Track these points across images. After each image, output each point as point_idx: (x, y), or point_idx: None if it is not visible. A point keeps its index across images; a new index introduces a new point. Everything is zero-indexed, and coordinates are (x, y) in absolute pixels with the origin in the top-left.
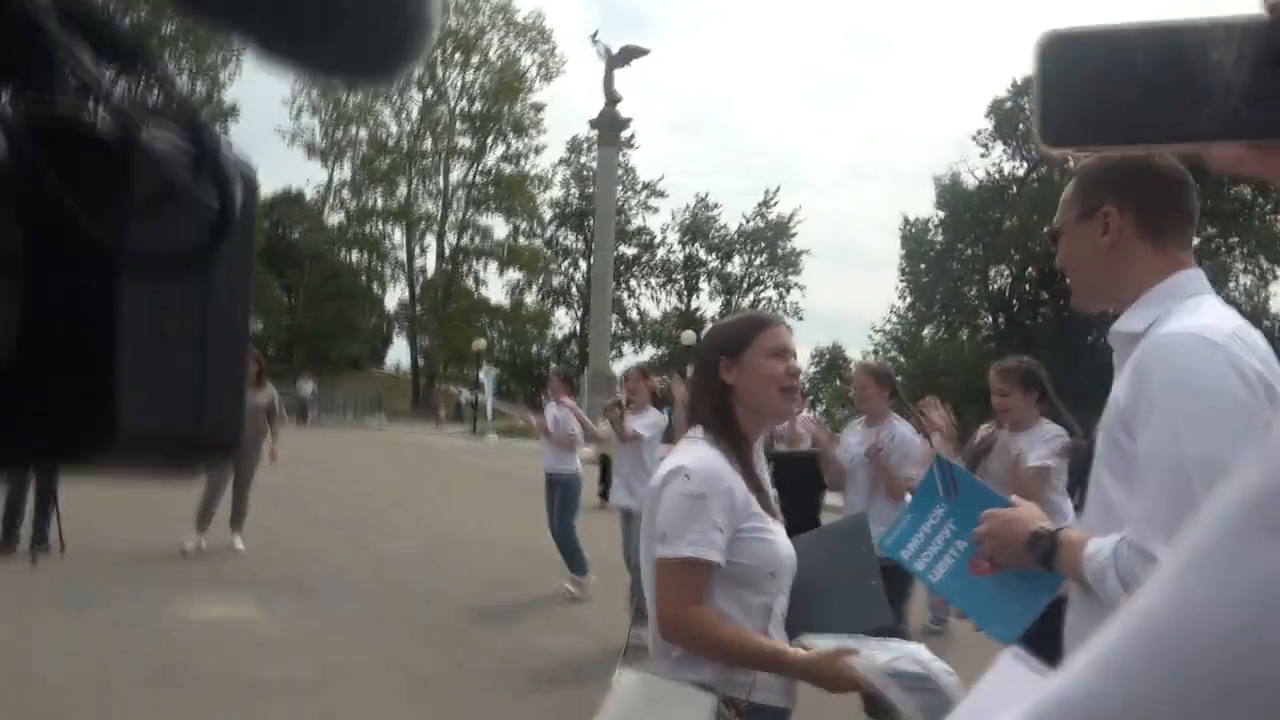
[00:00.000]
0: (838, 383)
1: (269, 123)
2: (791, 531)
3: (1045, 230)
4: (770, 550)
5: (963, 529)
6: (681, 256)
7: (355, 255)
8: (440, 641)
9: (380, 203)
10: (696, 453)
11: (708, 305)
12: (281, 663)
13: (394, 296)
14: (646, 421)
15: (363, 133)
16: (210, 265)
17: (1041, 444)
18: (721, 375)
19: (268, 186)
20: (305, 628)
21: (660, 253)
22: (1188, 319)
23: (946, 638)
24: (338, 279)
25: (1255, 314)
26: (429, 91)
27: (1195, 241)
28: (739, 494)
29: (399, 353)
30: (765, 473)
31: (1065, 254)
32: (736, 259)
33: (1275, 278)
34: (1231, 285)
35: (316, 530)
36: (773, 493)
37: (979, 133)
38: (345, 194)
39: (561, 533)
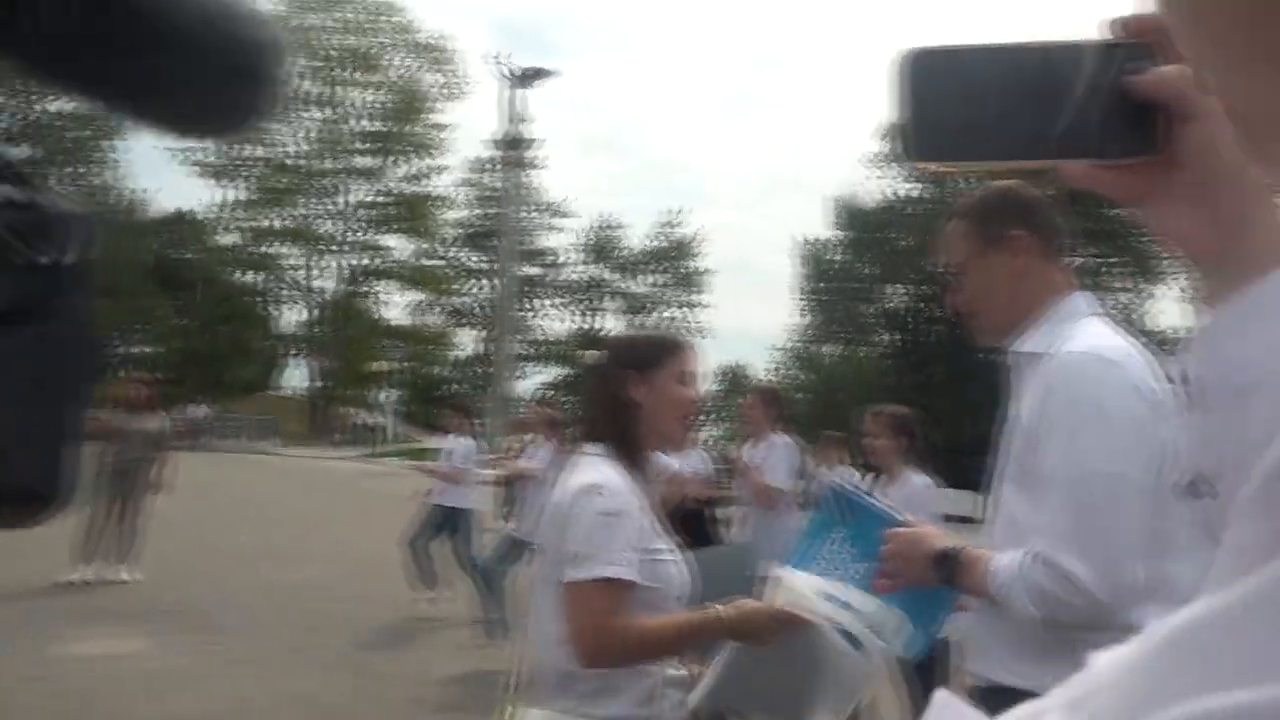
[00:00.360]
0: (740, 401)
1: (158, 141)
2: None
3: (943, 270)
4: (674, 572)
5: (862, 550)
6: (586, 276)
7: (251, 276)
8: (342, 672)
9: (277, 223)
10: (606, 470)
11: (613, 325)
12: (180, 699)
13: (291, 318)
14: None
15: (259, 151)
16: (37, 320)
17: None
18: (630, 391)
19: (158, 206)
20: (203, 661)
21: (565, 272)
22: (1088, 339)
23: None
24: (232, 300)
25: (1133, 329)
26: (328, 110)
27: (1078, 261)
28: (645, 514)
29: (297, 375)
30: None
31: (975, 288)
32: (641, 278)
33: (1151, 295)
34: (1111, 303)
35: (212, 559)
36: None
37: (874, 154)
38: (240, 214)
39: (471, 564)
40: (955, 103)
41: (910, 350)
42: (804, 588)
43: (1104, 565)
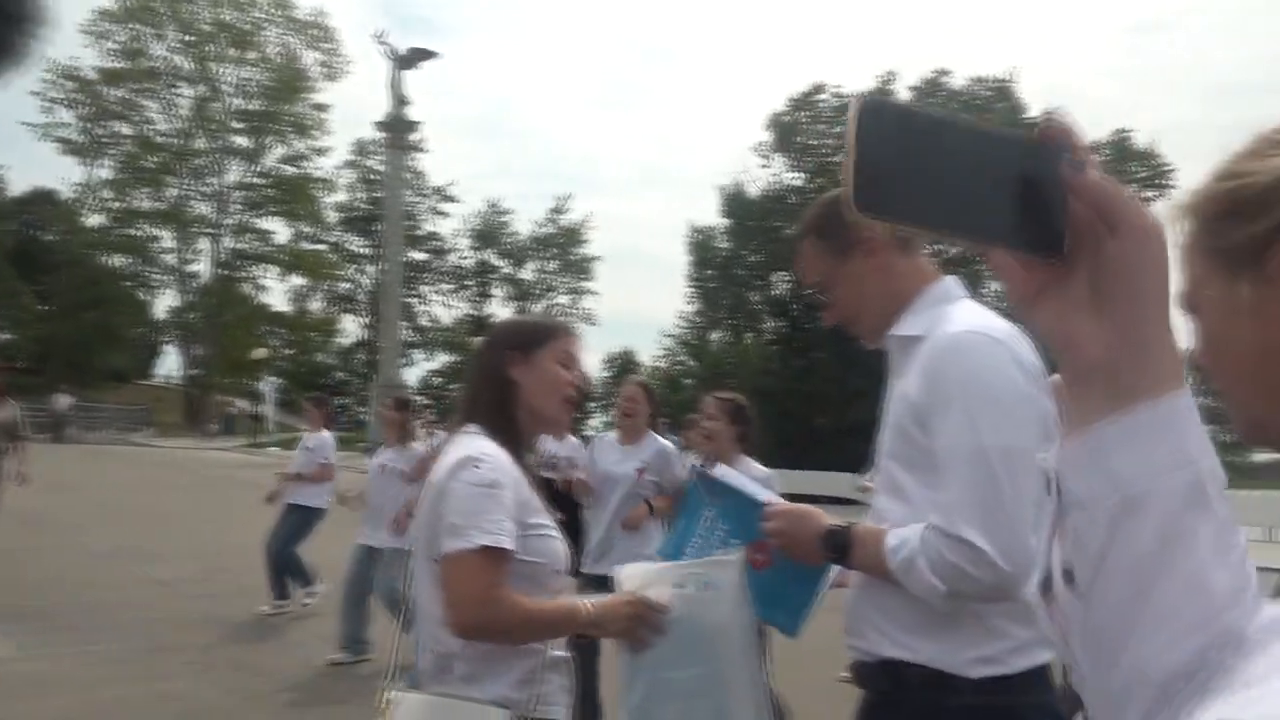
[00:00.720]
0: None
1: (15, 115)
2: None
3: (810, 289)
4: (555, 547)
5: (734, 528)
6: (474, 262)
7: (119, 260)
8: (216, 668)
9: (147, 204)
10: (482, 444)
11: (501, 311)
12: (42, 703)
13: (164, 304)
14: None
15: (126, 129)
16: None
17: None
18: (508, 370)
19: (17, 185)
20: (66, 663)
21: (451, 258)
22: (968, 319)
23: None
24: (99, 285)
25: (1004, 316)
26: (200, 87)
27: (951, 252)
28: (525, 488)
29: (171, 363)
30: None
31: (844, 298)
32: (529, 265)
33: None
34: (983, 293)
35: (77, 557)
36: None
37: (760, 144)
38: (107, 194)
39: (282, 554)
40: (897, 163)
41: (794, 337)
42: (641, 573)
43: (1006, 537)
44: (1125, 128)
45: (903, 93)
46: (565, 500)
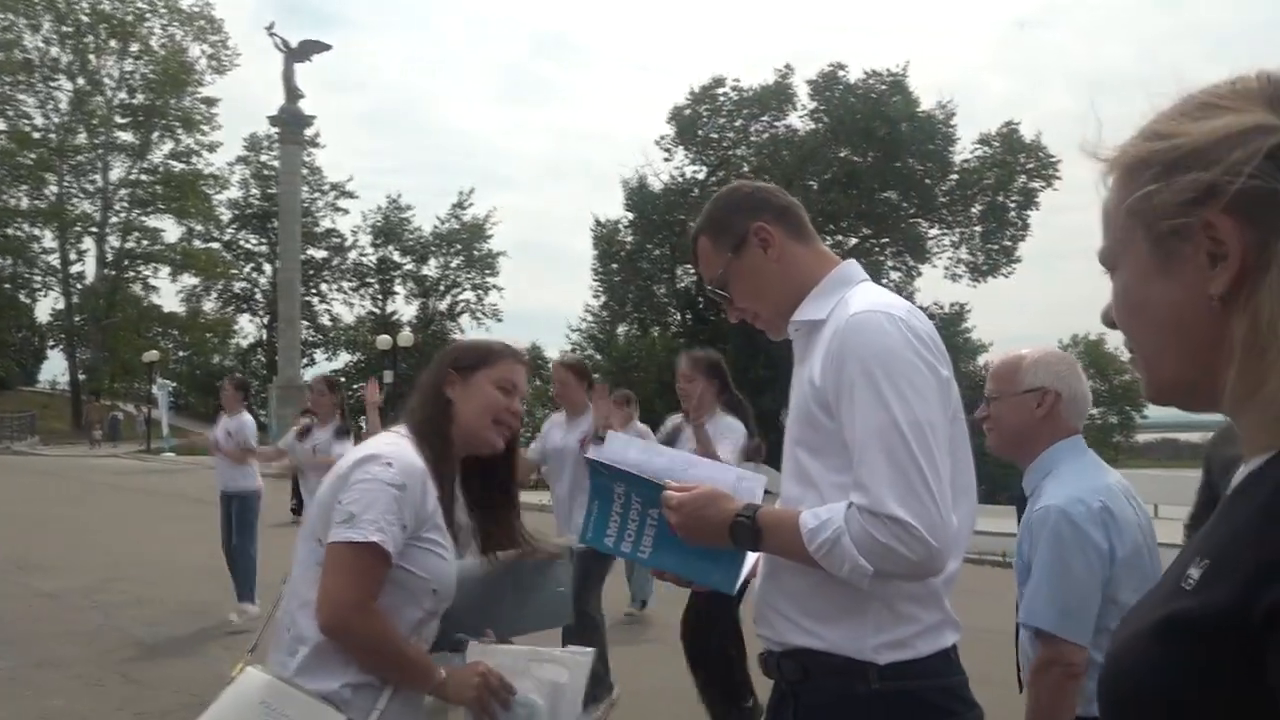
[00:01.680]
0: (537, 382)
1: None
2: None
3: (709, 290)
4: (441, 567)
5: (648, 499)
6: (375, 259)
7: None
8: (106, 682)
9: (25, 202)
10: (401, 447)
11: (404, 308)
12: None
13: (47, 306)
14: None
15: (0, 124)
16: None
17: (725, 439)
18: (446, 388)
19: None
20: None
21: (352, 255)
22: (868, 300)
23: (643, 624)
24: None
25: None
26: (80, 80)
27: (853, 241)
28: (430, 501)
29: (56, 368)
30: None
31: (741, 294)
32: (432, 261)
33: (919, 274)
34: (884, 281)
35: None
36: (468, 523)
37: (662, 138)
38: None
39: (240, 555)
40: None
41: (700, 329)
42: (490, 653)
43: (932, 513)
44: (1013, 120)
45: (800, 86)
46: None
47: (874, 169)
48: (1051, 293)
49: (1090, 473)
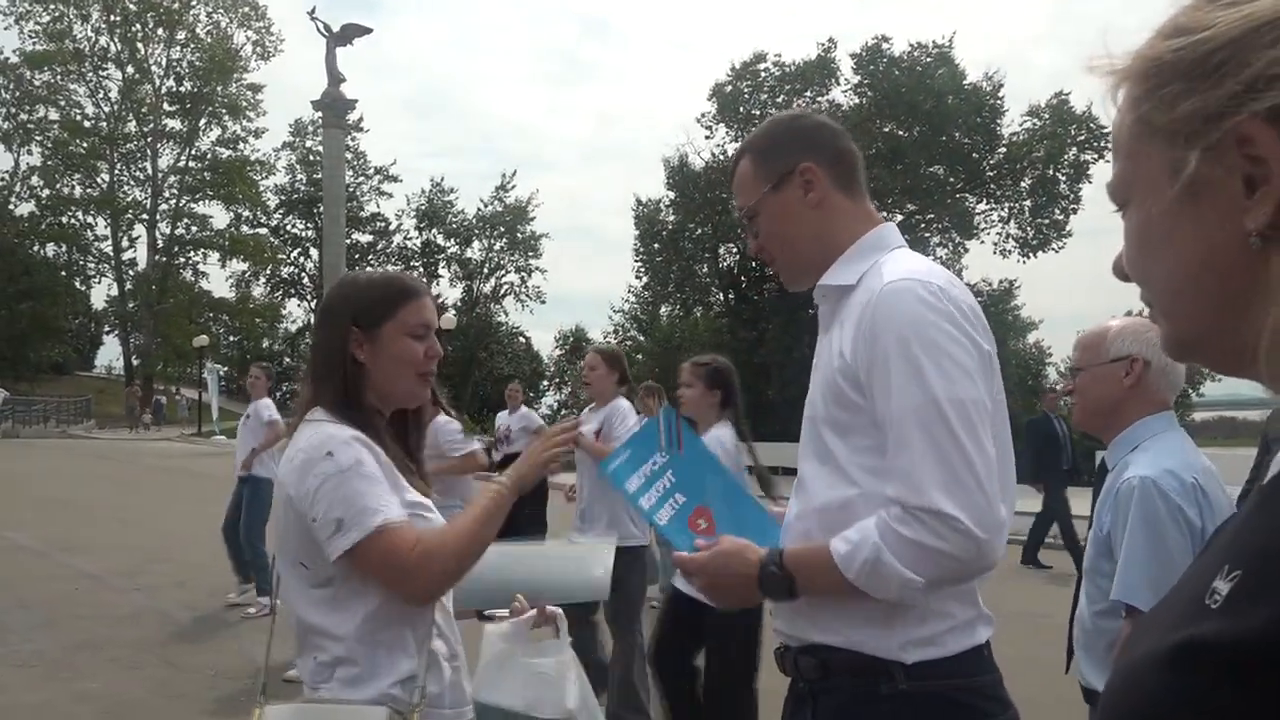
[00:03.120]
0: (580, 365)
1: None
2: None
3: (738, 216)
4: (434, 523)
5: (681, 482)
6: (419, 243)
7: (51, 249)
8: (144, 665)
9: (79, 191)
10: (329, 431)
11: (448, 291)
12: None
13: (101, 293)
14: None
15: (53, 114)
16: None
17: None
18: (353, 350)
19: None
20: None
21: (396, 239)
22: (901, 267)
23: None
24: (31, 276)
25: None
26: (129, 69)
27: (898, 218)
28: (389, 467)
29: (111, 353)
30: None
31: (768, 230)
32: (476, 244)
33: (966, 250)
34: (931, 258)
35: (2, 554)
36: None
37: (703, 115)
38: (36, 181)
39: (248, 547)
40: None
41: (743, 309)
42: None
43: (979, 501)
44: (1063, 91)
45: (844, 59)
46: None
47: (919, 143)
48: (1104, 267)
49: (1184, 448)
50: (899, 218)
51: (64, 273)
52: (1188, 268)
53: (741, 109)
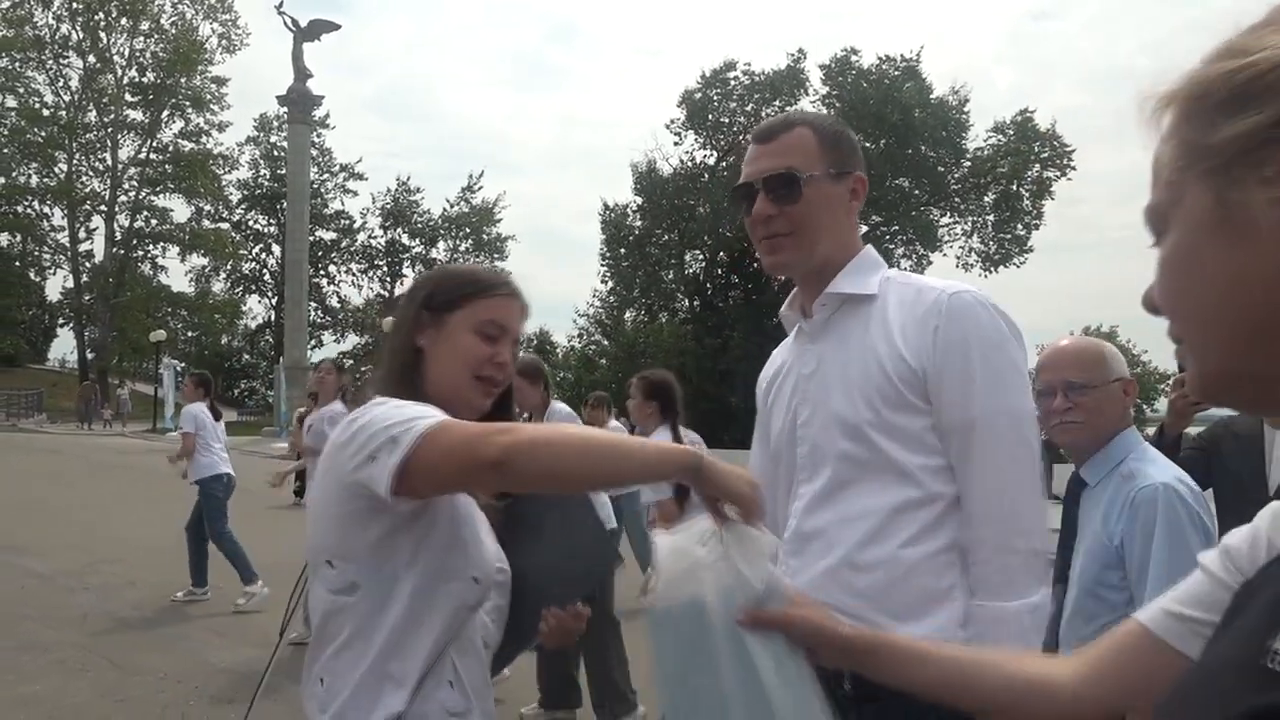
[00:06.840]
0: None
1: None
2: None
3: (785, 170)
4: (477, 553)
5: None
6: (384, 242)
7: (5, 238)
8: (91, 668)
9: (35, 180)
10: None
11: None
12: None
13: (56, 285)
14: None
15: (11, 101)
16: None
17: None
18: (414, 335)
19: None
20: None
21: (361, 238)
22: (946, 282)
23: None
24: None
25: None
26: (90, 58)
27: (863, 229)
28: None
29: (65, 346)
30: None
31: (806, 211)
32: (441, 244)
33: (930, 263)
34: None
35: None
36: None
37: (672, 121)
38: None
39: (217, 540)
40: None
41: (708, 315)
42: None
43: (1042, 516)
44: (1027, 108)
45: (813, 70)
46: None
47: (886, 155)
48: (1064, 283)
49: (1163, 460)
50: (864, 229)
51: (18, 263)
52: (1222, 298)
53: (711, 116)
